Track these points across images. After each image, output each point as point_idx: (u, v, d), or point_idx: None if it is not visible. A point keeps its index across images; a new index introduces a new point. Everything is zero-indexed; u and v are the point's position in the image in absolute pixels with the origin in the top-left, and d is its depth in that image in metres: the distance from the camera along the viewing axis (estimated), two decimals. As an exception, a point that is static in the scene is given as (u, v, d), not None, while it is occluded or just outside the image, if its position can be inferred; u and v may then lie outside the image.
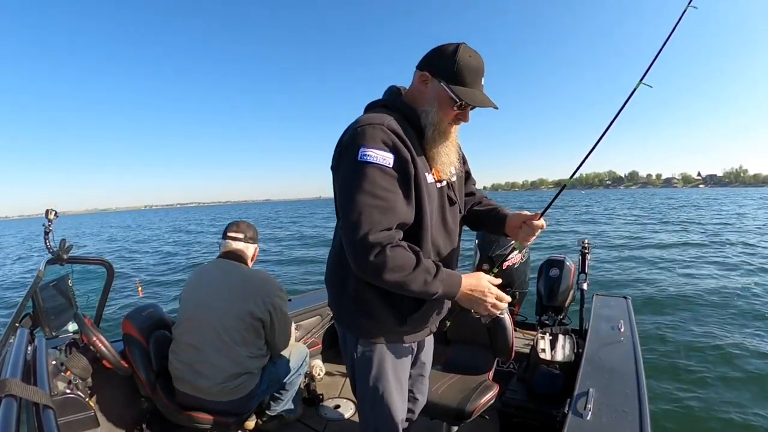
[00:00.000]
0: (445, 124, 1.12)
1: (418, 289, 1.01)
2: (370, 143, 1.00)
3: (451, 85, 1.05)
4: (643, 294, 6.46)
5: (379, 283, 1.01)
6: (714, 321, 5.10)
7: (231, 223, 1.88)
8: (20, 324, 1.66)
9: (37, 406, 0.79)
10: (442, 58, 1.06)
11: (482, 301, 1.10)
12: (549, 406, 1.87)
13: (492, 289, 1.11)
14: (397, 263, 0.98)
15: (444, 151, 1.15)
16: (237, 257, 1.80)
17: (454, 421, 1.68)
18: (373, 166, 0.99)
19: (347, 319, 1.22)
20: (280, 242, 17.00)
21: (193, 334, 1.67)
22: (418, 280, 1.01)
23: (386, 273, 0.97)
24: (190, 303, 1.73)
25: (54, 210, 1.82)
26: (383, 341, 1.19)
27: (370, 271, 0.99)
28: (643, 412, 1.21)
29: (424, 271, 1.01)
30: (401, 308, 1.15)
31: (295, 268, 10.69)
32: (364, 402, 1.25)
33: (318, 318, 2.83)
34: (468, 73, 1.05)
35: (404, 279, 0.99)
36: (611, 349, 1.69)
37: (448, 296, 1.08)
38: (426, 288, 1.02)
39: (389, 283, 1.00)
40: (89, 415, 1.57)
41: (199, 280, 1.78)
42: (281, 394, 2.03)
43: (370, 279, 1.03)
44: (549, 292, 2.65)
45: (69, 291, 2.00)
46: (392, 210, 1.01)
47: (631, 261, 9.40)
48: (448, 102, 1.07)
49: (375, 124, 1.03)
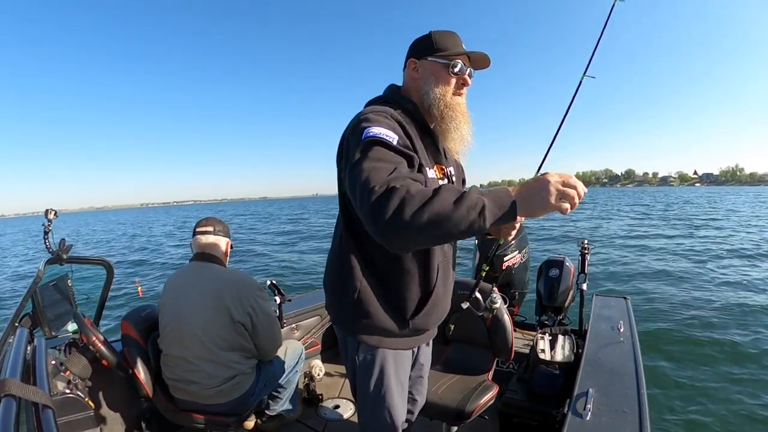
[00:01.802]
0: (449, 96, 1.14)
1: (455, 209, 0.78)
2: (375, 124, 0.99)
3: (437, 54, 1.12)
4: (643, 294, 6.47)
5: (409, 226, 0.78)
6: (714, 320, 5.10)
7: (199, 220, 1.82)
8: (20, 324, 1.66)
9: (36, 406, 0.79)
10: (420, 41, 1.16)
11: (547, 189, 0.79)
12: (548, 407, 1.87)
13: (555, 175, 0.82)
14: (412, 190, 0.81)
15: (454, 126, 1.14)
16: (210, 257, 1.75)
17: (453, 421, 1.68)
18: (378, 141, 0.96)
19: (347, 324, 1.19)
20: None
21: (179, 346, 1.63)
22: (448, 196, 0.79)
23: (405, 205, 0.78)
24: (170, 314, 1.68)
25: (54, 210, 1.81)
26: (385, 346, 1.17)
27: (387, 213, 0.79)
28: (643, 413, 1.21)
29: (450, 189, 0.82)
30: (403, 312, 1.14)
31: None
32: (364, 406, 1.24)
33: (317, 318, 2.83)
34: (446, 40, 1.14)
35: (431, 201, 0.78)
36: (611, 350, 1.69)
37: (500, 203, 0.81)
38: (465, 204, 0.78)
39: (416, 217, 0.78)
40: (89, 415, 1.57)
41: (175, 288, 1.72)
42: (279, 392, 2.02)
43: (398, 229, 0.80)
44: (549, 293, 2.65)
45: (68, 291, 2.00)
46: (400, 174, 0.89)
47: (631, 259, 9.42)
48: (442, 70, 1.12)
49: (378, 111, 1.06)
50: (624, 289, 6.91)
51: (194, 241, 1.78)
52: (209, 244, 1.77)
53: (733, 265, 8.59)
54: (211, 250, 1.77)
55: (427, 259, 1.13)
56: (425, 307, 1.15)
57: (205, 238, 1.76)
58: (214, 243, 1.77)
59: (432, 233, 0.79)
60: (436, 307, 1.20)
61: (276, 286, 2.35)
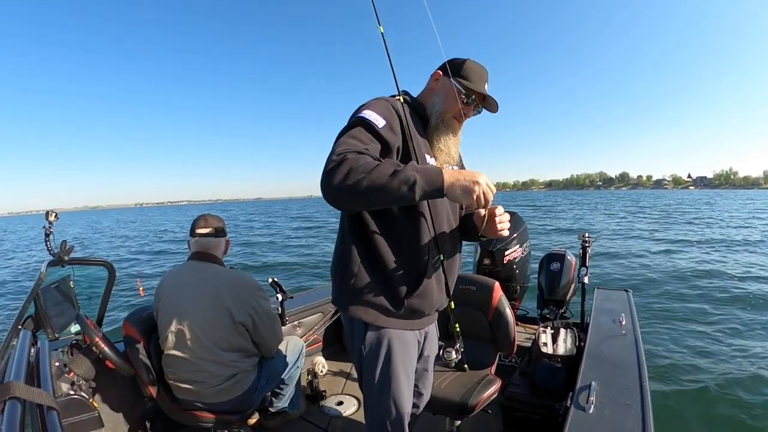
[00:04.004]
0: (449, 116, 1.25)
1: (390, 181, 0.93)
2: (371, 108, 1.11)
3: (458, 79, 1.22)
4: (644, 286, 6.47)
5: (350, 191, 0.94)
6: (715, 313, 5.11)
7: (198, 219, 1.79)
8: (23, 326, 1.66)
9: (41, 407, 0.79)
10: (454, 61, 1.25)
11: (472, 184, 0.98)
12: (551, 400, 1.87)
13: (483, 177, 1.00)
14: (360, 162, 0.95)
15: (444, 140, 1.25)
16: (209, 256, 1.74)
17: (457, 415, 1.69)
18: (363, 121, 1.08)
19: (346, 303, 1.23)
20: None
21: (180, 347, 1.63)
22: (386, 169, 0.94)
23: (350, 173, 0.93)
24: (170, 314, 1.65)
25: (54, 212, 1.80)
26: (388, 327, 1.20)
27: (336, 178, 0.94)
28: (645, 405, 1.22)
29: (390, 163, 0.97)
30: (397, 291, 1.19)
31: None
32: (370, 392, 1.25)
33: (320, 315, 2.84)
34: (473, 73, 1.23)
35: (371, 172, 0.92)
36: (613, 343, 1.69)
37: (431, 182, 0.96)
38: (399, 177, 0.93)
39: (357, 184, 0.92)
40: (93, 416, 1.58)
41: (173, 288, 1.69)
42: (282, 389, 2.03)
43: (340, 192, 0.95)
44: (550, 286, 2.65)
45: (71, 292, 2.00)
46: (368, 153, 1.01)
47: (631, 257, 9.43)
48: (455, 94, 1.21)
49: (381, 98, 1.18)
50: (625, 282, 6.92)
51: (193, 240, 1.77)
52: (208, 244, 1.76)
53: (735, 259, 8.59)
54: (210, 250, 1.76)
55: (421, 247, 1.21)
56: (419, 288, 1.20)
57: (206, 241, 1.75)
58: (213, 243, 1.77)
59: (367, 198, 0.96)
60: (430, 290, 1.23)
61: (278, 283, 2.35)
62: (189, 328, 1.61)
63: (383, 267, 1.19)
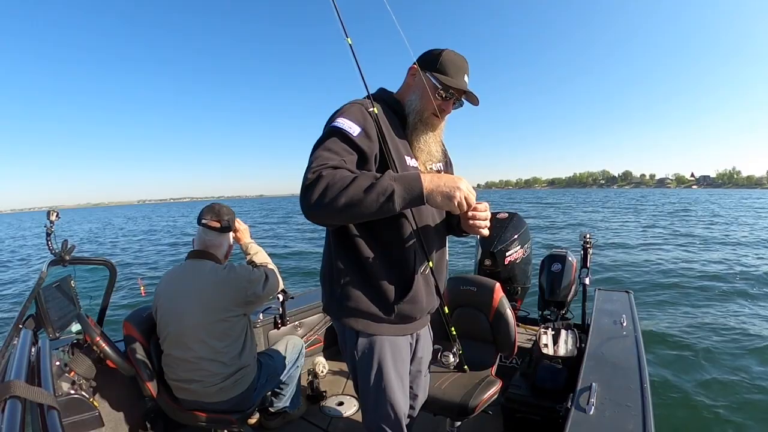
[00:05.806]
0: (428, 113, 1.20)
1: (367, 195, 0.92)
2: (345, 115, 1.08)
3: (435, 74, 1.16)
4: (645, 287, 6.46)
5: (327, 208, 0.93)
6: (717, 313, 5.10)
7: (209, 208, 1.77)
8: (23, 325, 1.66)
9: (41, 407, 0.79)
10: (430, 55, 1.20)
11: (453, 190, 0.98)
12: (552, 401, 1.87)
13: (464, 182, 1.00)
14: (336, 177, 0.93)
15: (424, 139, 1.22)
16: (206, 255, 1.73)
17: (457, 416, 1.68)
18: (338, 131, 1.05)
19: (336, 311, 1.23)
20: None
21: (181, 347, 1.63)
22: (363, 182, 0.93)
23: (327, 190, 0.92)
24: (168, 314, 1.66)
25: (56, 211, 1.80)
26: (379, 334, 1.19)
27: (313, 196, 0.93)
28: (646, 407, 1.21)
29: (367, 176, 0.95)
30: (386, 298, 1.18)
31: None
32: (366, 397, 1.25)
33: (320, 315, 2.84)
34: (451, 65, 1.17)
35: (347, 188, 0.92)
36: (614, 344, 1.69)
37: (410, 190, 0.96)
38: (376, 189, 0.92)
39: (334, 201, 0.92)
40: (94, 415, 1.58)
41: (173, 288, 1.70)
42: (282, 389, 2.03)
43: (318, 210, 0.95)
44: (551, 287, 2.64)
45: (72, 292, 2.00)
46: (337, 164, 0.99)
47: (631, 257, 9.41)
48: (431, 90, 1.16)
49: (355, 102, 1.14)
50: (626, 283, 6.91)
51: (198, 236, 1.76)
52: (210, 242, 1.75)
53: (737, 256, 8.56)
54: (210, 248, 1.75)
55: (407, 251, 1.19)
56: (408, 293, 1.19)
57: (210, 231, 1.74)
58: (215, 241, 1.76)
59: (346, 214, 0.95)
60: (420, 294, 1.22)
61: None
62: (190, 328, 1.62)
63: (371, 274, 1.17)
